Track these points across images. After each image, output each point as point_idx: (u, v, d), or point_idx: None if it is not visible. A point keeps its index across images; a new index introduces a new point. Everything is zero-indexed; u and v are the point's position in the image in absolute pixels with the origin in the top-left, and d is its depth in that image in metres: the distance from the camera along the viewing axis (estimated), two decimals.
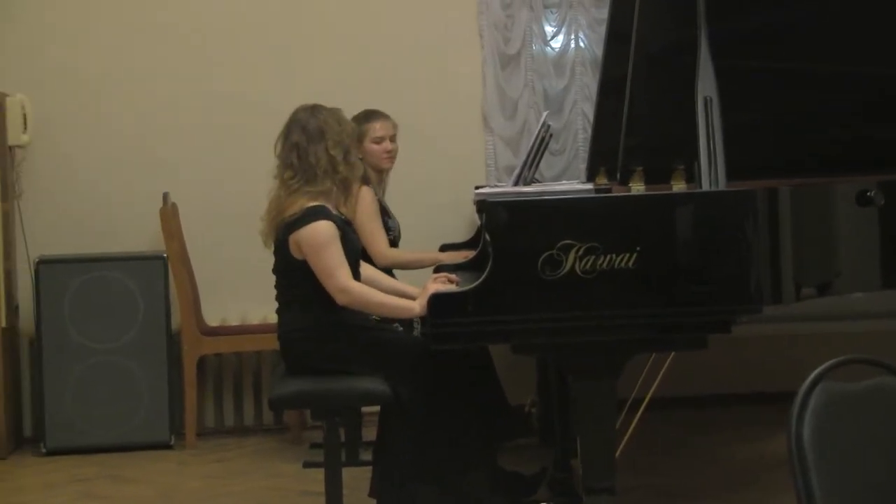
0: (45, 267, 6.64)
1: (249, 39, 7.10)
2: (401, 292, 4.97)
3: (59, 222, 6.96)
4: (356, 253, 4.94)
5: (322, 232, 4.73)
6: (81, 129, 7.02)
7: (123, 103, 7.02)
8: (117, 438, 6.66)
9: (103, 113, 7.02)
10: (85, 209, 6.97)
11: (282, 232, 4.81)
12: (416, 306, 4.63)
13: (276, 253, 4.90)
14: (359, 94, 6.20)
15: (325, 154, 4.82)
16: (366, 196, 5.81)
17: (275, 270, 4.96)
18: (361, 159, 5.23)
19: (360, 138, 5.62)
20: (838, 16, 5.20)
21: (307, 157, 4.83)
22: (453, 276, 4.91)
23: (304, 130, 4.87)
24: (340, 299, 4.72)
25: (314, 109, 4.93)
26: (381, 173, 6.14)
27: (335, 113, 4.95)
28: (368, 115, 5.99)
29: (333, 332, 4.83)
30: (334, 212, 4.86)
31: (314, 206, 4.79)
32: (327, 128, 4.86)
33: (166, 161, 7.01)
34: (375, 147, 6.00)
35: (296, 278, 4.83)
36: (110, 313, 6.65)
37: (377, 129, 6.02)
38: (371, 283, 4.96)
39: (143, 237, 6.90)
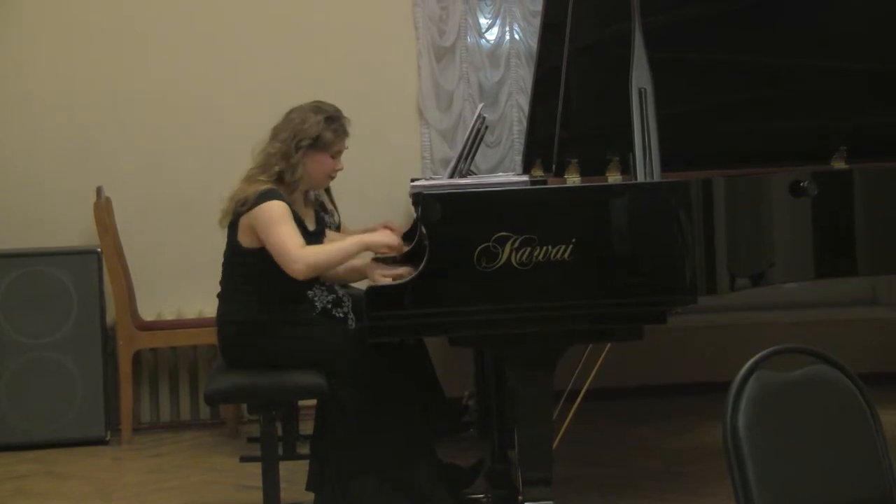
0: None
1: (182, 33, 7.03)
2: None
3: None
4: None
5: (274, 209, 4.74)
6: (12, 121, 6.94)
7: (55, 95, 6.94)
8: (52, 434, 6.59)
9: (35, 105, 6.94)
10: (17, 203, 6.89)
11: (234, 215, 4.81)
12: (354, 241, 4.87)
13: (227, 236, 4.92)
14: (293, 86, 6.15)
15: (279, 146, 4.88)
16: None
17: (224, 254, 4.97)
18: None
19: None
20: (772, 7, 5.24)
21: (267, 148, 4.93)
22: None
23: (278, 126, 4.98)
24: (297, 271, 4.68)
25: (296, 109, 5.02)
26: None
27: (305, 111, 4.98)
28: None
29: (270, 327, 4.81)
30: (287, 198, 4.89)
31: (267, 189, 4.80)
32: (290, 124, 4.94)
33: (100, 154, 6.94)
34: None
35: (239, 267, 4.83)
36: (44, 308, 6.58)
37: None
38: None
39: (77, 231, 6.83)
